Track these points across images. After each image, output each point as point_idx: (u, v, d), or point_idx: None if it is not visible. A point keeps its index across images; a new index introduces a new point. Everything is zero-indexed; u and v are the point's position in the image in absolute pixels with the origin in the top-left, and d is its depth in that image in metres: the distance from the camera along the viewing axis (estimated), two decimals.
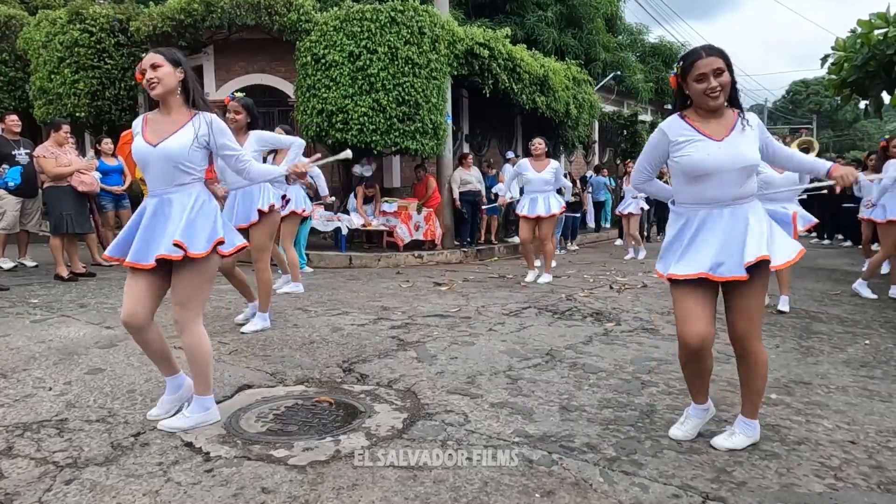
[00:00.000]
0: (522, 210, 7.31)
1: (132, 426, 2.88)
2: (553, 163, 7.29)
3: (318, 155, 3.79)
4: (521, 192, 7.83)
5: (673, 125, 2.66)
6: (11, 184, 6.90)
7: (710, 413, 2.90)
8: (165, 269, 2.82)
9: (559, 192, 7.48)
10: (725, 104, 2.62)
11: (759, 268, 2.54)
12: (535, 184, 7.21)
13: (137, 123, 2.93)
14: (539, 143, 7.24)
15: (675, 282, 2.64)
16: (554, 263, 7.86)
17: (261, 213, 4.64)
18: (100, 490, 2.30)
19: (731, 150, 2.57)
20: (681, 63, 2.63)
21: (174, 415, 2.95)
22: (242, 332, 4.65)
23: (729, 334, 2.69)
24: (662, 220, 12.42)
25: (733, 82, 2.60)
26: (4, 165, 6.52)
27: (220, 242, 2.84)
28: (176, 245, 2.71)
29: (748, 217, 2.59)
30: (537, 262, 7.54)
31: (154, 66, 2.81)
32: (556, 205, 7.21)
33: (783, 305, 5.67)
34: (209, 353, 2.92)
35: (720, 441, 2.72)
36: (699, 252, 2.58)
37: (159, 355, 2.97)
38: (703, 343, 2.60)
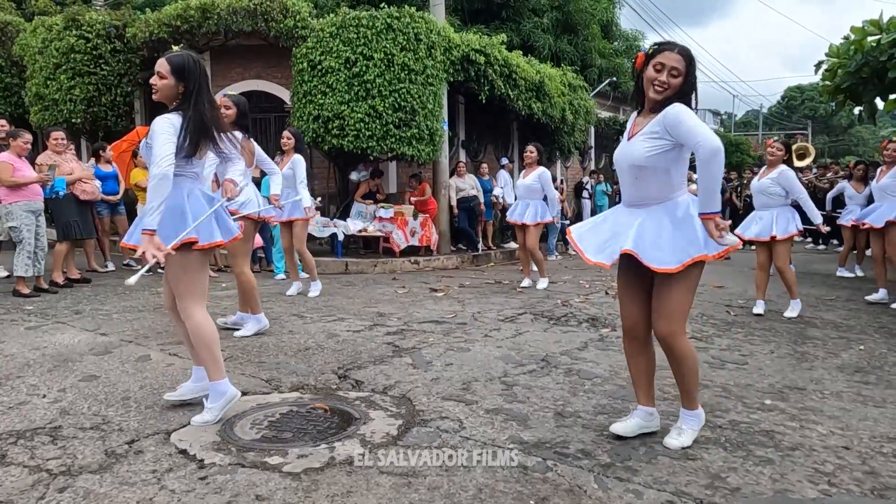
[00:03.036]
0: (511, 216, 7.44)
1: (126, 433, 2.87)
2: (539, 169, 7.25)
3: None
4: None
5: (629, 120, 2.83)
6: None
7: (655, 421, 2.90)
8: None
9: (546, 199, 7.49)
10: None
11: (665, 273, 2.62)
12: (519, 190, 7.38)
13: None
14: (529, 152, 7.26)
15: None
16: (554, 256, 7.84)
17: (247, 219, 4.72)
18: (93, 498, 2.30)
19: (627, 149, 2.69)
20: (655, 46, 2.68)
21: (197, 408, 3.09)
22: (241, 336, 4.69)
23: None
24: None
25: (688, 92, 2.60)
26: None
27: (192, 242, 2.95)
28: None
29: (661, 216, 2.65)
30: (533, 268, 7.56)
31: (160, 76, 2.93)
32: (539, 214, 7.17)
33: (791, 311, 5.67)
34: (213, 338, 3.03)
35: (671, 441, 2.75)
36: (601, 236, 2.76)
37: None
38: (634, 327, 2.78)
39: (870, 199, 7.98)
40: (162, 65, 2.94)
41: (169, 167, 2.75)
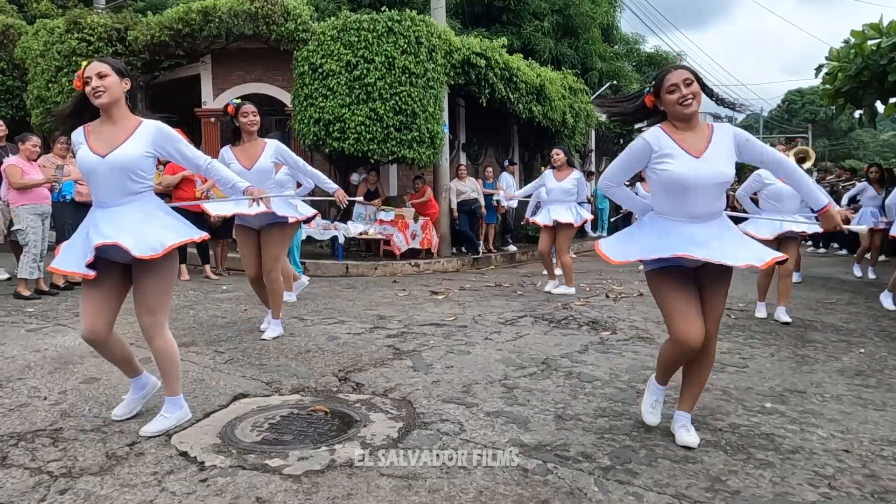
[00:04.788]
0: (544, 219, 7.16)
1: (127, 436, 2.87)
2: (575, 172, 7.24)
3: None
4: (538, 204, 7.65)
5: (656, 136, 2.73)
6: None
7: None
8: (124, 279, 2.87)
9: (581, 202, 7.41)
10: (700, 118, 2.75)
11: (724, 273, 2.74)
12: (555, 193, 7.15)
13: (79, 134, 2.86)
14: (558, 154, 7.21)
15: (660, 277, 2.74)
16: (558, 272, 7.73)
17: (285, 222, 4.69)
18: (94, 500, 2.30)
19: (708, 166, 2.65)
20: (653, 83, 2.76)
21: (135, 414, 3.05)
22: (263, 339, 4.70)
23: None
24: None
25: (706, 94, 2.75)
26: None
27: (178, 246, 2.87)
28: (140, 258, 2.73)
29: (721, 227, 2.73)
30: (558, 272, 7.52)
31: (100, 76, 2.75)
32: (577, 215, 7.15)
33: (783, 316, 5.59)
34: (178, 355, 3.02)
35: (689, 439, 2.80)
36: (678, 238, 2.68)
37: (123, 360, 3.04)
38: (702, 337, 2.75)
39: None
40: (97, 66, 2.77)
41: None
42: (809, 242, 13.45)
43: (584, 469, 2.58)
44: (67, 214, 7.02)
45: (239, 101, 4.72)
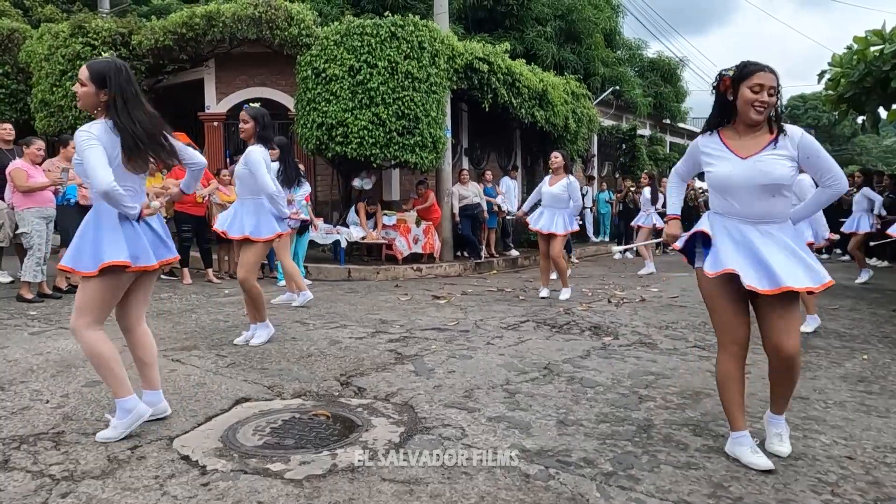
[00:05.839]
0: (535, 224, 7.18)
1: (129, 439, 2.87)
2: (567, 178, 7.13)
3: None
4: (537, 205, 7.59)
5: (706, 138, 2.81)
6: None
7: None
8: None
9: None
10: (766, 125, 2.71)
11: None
12: (545, 198, 7.15)
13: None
14: (555, 157, 7.20)
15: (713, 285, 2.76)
16: (554, 276, 7.73)
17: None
18: (96, 503, 2.30)
19: (752, 168, 2.66)
20: (739, 69, 2.67)
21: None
22: (258, 344, 4.68)
23: (766, 344, 2.83)
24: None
25: (777, 107, 2.69)
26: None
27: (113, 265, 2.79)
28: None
29: (779, 239, 2.69)
30: (553, 276, 7.49)
31: (80, 83, 2.83)
32: (562, 224, 7.03)
33: (807, 326, 5.44)
34: (111, 356, 2.91)
35: (784, 448, 2.78)
36: (726, 254, 2.67)
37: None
38: (745, 346, 2.87)
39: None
40: (82, 72, 2.81)
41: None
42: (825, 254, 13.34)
43: (586, 475, 2.57)
44: (71, 218, 7.04)
45: (255, 105, 4.75)
